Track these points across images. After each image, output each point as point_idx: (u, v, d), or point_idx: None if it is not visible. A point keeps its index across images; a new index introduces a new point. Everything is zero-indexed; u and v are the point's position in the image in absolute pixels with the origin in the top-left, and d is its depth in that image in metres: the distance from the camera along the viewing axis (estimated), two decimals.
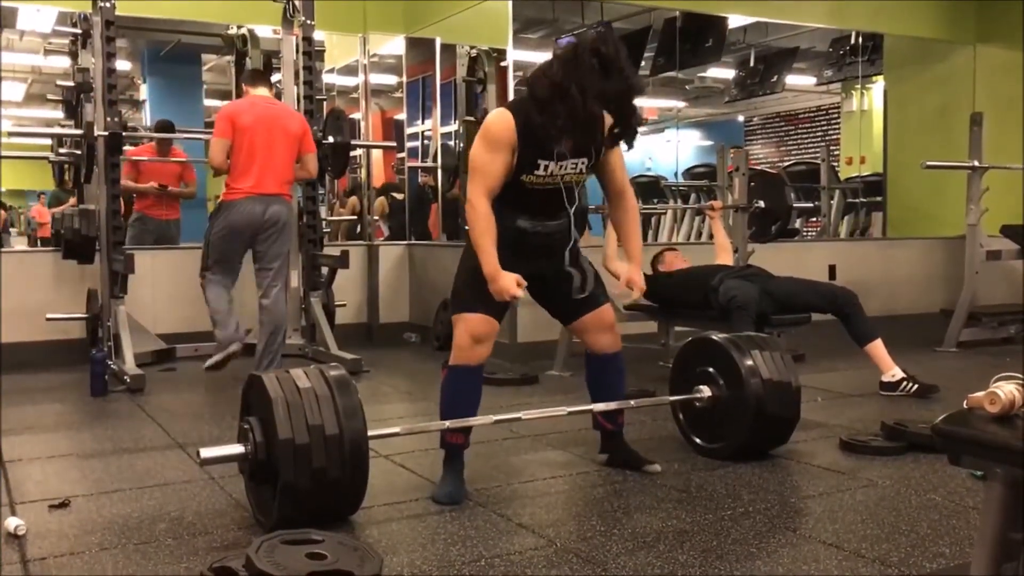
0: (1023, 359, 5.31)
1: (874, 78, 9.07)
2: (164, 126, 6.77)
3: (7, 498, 2.78)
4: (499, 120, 2.79)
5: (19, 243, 14.11)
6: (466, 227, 6.74)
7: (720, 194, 6.32)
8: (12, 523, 2.47)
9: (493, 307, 2.83)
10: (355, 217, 7.41)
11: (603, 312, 3.03)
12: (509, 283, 2.72)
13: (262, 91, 5.01)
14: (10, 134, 6.34)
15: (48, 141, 6.18)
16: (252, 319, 5.00)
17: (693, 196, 8.83)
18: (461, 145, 7.08)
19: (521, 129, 2.74)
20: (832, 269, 6.61)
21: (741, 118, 13.03)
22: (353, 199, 7.67)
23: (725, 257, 5.04)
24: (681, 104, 11.86)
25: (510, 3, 6.02)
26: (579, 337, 3.13)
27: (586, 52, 2.62)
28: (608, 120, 2.76)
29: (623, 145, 2.88)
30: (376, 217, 7.23)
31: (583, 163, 2.85)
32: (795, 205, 6.48)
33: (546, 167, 2.80)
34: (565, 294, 3.01)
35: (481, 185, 2.77)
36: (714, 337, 3.33)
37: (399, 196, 7.62)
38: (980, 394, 1.68)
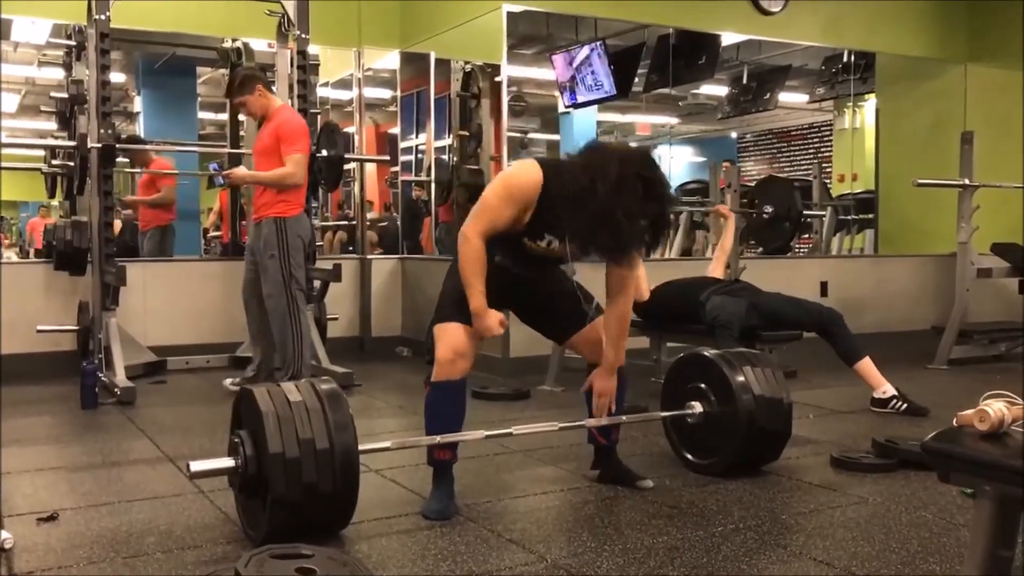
0: (1022, 376, 5.33)
1: (866, 96, 9.11)
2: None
3: None
4: (527, 177, 2.74)
5: (10, 255, 14.05)
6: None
7: (712, 218, 6.34)
8: None
9: None
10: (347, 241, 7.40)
11: (597, 325, 3.02)
12: (493, 323, 2.74)
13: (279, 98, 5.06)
14: (3, 145, 6.32)
15: (41, 152, 6.17)
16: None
17: (685, 213, 8.84)
18: (455, 159, 7.09)
19: (545, 193, 2.71)
20: (824, 286, 6.63)
21: (734, 135, 13.06)
22: (341, 235, 7.66)
23: (719, 269, 5.02)
24: (674, 120, 11.88)
25: (504, 19, 6.04)
26: (579, 352, 3.12)
27: (631, 177, 2.55)
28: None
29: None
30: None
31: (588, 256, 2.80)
32: (805, 212, 6.52)
33: (550, 243, 2.82)
34: (553, 315, 3.02)
35: (483, 225, 2.75)
36: (706, 353, 3.34)
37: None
38: (970, 412, 1.68)
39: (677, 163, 12.80)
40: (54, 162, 5.66)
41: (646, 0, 6.69)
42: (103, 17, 4.97)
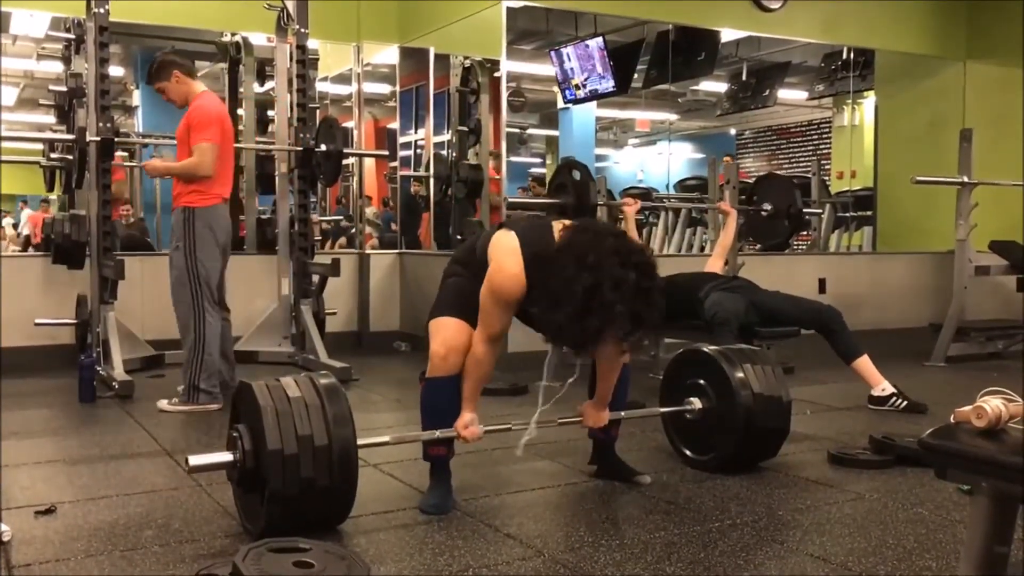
0: (1020, 374, 5.33)
1: (865, 93, 9.12)
2: None
3: None
4: (510, 278, 2.69)
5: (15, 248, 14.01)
6: (458, 235, 6.64)
7: (711, 214, 6.34)
8: None
9: (470, 315, 2.83)
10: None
11: None
12: (473, 429, 2.80)
13: (202, 84, 4.65)
14: (2, 138, 6.32)
15: (40, 146, 6.17)
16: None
17: (684, 210, 8.86)
18: (454, 154, 7.09)
19: (528, 280, 2.68)
20: (822, 282, 6.64)
21: (733, 131, 13.08)
22: (342, 240, 7.64)
23: (717, 263, 5.01)
24: (673, 117, 11.90)
25: (504, 14, 6.03)
26: None
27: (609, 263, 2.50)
28: None
29: None
30: None
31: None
32: (804, 210, 6.52)
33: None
34: None
35: (489, 332, 2.77)
36: (705, 349, 3.34)
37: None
38: (967, 408, 1.69)
39: (676, 159, 12.84)
40: (52, 155, 5.65)
41: None
42: (102, 10, 4.95)
